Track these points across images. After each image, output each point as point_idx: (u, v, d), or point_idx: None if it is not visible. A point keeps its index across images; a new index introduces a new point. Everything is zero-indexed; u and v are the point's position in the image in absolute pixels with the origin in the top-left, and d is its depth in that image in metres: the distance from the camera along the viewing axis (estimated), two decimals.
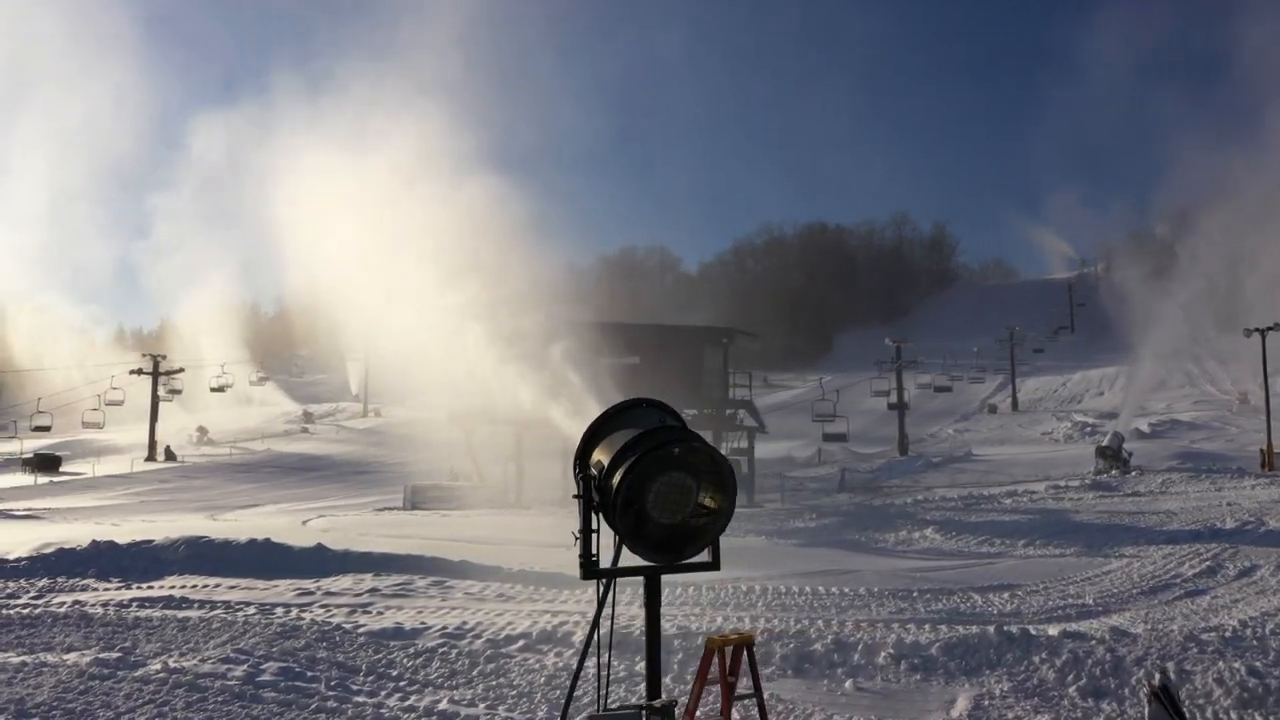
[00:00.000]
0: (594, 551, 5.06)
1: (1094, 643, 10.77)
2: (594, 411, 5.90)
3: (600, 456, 5.06)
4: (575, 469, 5.22)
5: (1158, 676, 7.64)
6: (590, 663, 5.40)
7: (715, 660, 6.22)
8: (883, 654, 10.77)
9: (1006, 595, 14.26)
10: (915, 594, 14.12)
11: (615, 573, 5.21)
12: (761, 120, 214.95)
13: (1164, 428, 51.14)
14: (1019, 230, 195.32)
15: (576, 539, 5.04)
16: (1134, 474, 33.27)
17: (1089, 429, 53.91)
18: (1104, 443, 37.79)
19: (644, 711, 4.99)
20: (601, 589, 5.54)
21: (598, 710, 5.35)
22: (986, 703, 9.43)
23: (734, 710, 6.05)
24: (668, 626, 12.03)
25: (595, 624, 5.60)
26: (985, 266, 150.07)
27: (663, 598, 14.25)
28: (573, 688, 5.92)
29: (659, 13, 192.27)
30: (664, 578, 15.88)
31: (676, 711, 5.15)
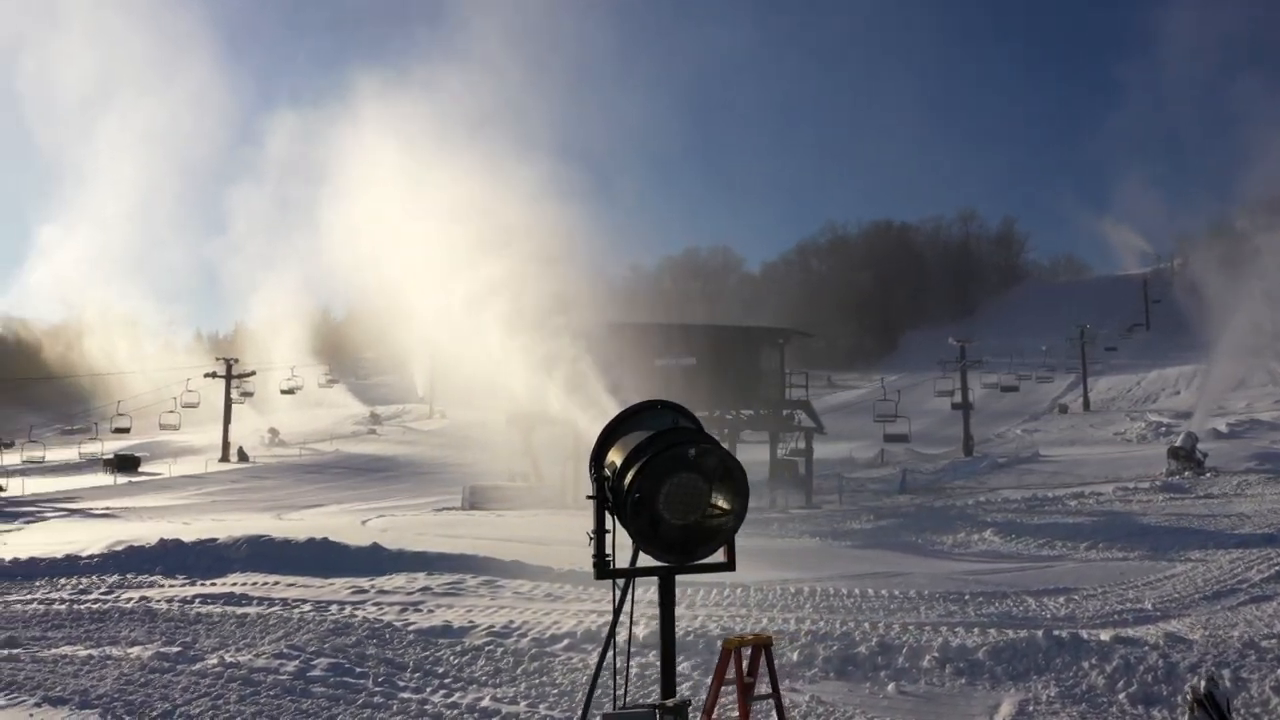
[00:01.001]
0: (608, 551, 5.12)
1: (1147, 648, 10.53)
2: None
3: (614, 457, 5.13)
4: (591, 470, 5.29)
5: (1203, 683, 7.44)
6: (614, 660, 5.47)
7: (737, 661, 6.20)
8: (928, 657, 10.66)
9: (1062, 599, 13.97)
10: (966, 597, 13.91)
11: (627, 573, 5.26)
12: (825, 117, 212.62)
13: (1243, 428, 49.41)
14: (1091, 225, 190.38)
15: (591, 539, 5.11)
16: (1208, 475, 32.22)
17: (1163, 429, 52.34)
18: (1177, 443, 36.66)
19: (658, 710, 5.04)
20: (620, 589, 5.59)
21: (614, 709, 5.40)
22: (1032, 708, 9.28)
23: (752, 711, 6.04)
24: (712, 627, 12.07)
25: (614, 623, 5.66)
26: (1056, 263, 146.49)
27: (710, 599, 14.30)
28: (592, 686, 5.98)
29: (723, 10, 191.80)
30: (713, 579, 15.90)
31: (693, 712, 5.18)
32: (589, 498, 5.18)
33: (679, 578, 14.74)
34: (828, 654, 10.81)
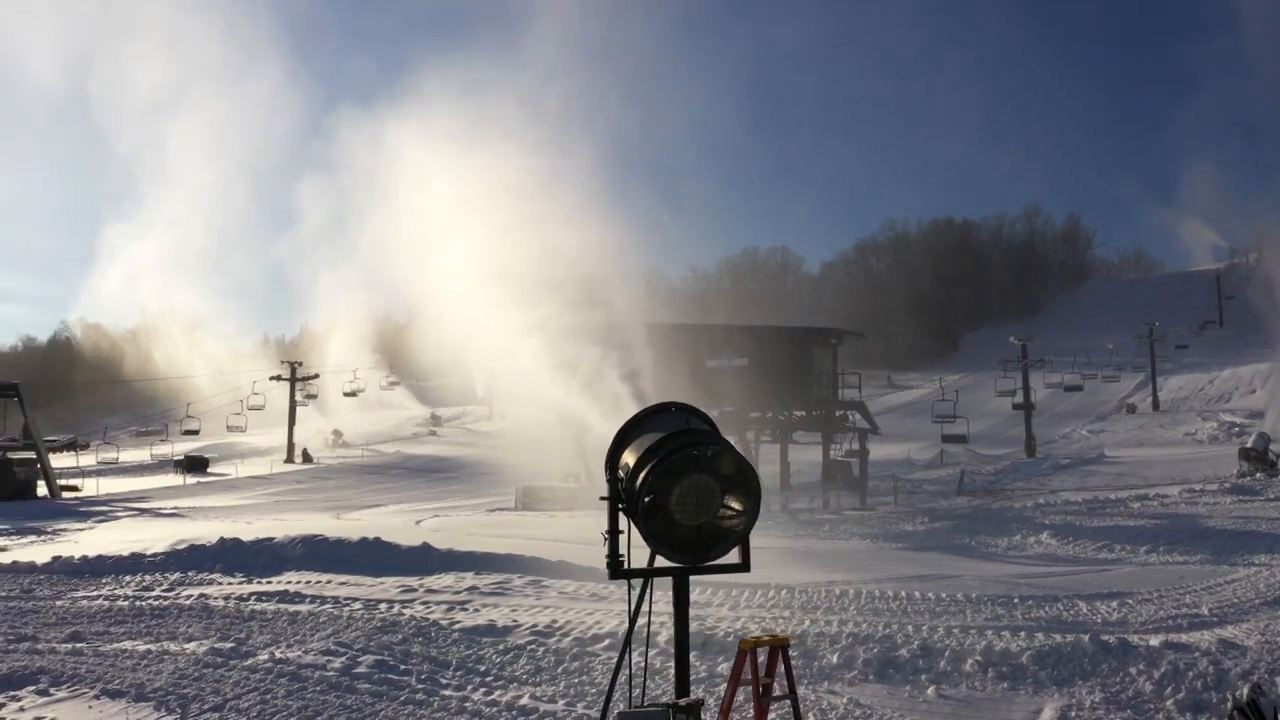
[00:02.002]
0: (621, 552, 5.19)
1: (1198, 654, 10.28)
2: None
3: (628, 459, 5.19)
4: (606, 471, 5.36)
5: (1245, 689, 7.25)
6: (637, 660, 5.53)
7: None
8: (970, 661, 10.53)
9: (1114, 604, 13.67)
10: (1015, 600, 13.69)
11: (641, 573, 5.31)
12: (886, 114, 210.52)
13: None
14: (1161, 219, 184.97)
15: (606, 539, 5.18)
16: None
17: (1237, 429, 50.87)
18: (1248, 444, 35.60)
19: (671, 710, 5.09)
20: (639, 588, 5.66)
21: (628, 707, 5.47)
22: (1074, 714, 9.13)
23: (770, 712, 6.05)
24: (753, 628, 12.06)
25: (631, 623, 5.73)
26: (1124, 259, 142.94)
27: (753, 600, 14.27)
28: (613, 684, 6.04)
29: (781, 7, 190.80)
30: (757, 580, 15.88)
31: (708, 713, 5.22)
32: (602, 499, 5.26)
33: (721, 580, 14.87)
34: (868, 656, 10.74)
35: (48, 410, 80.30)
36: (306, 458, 59.90)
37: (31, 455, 42.97)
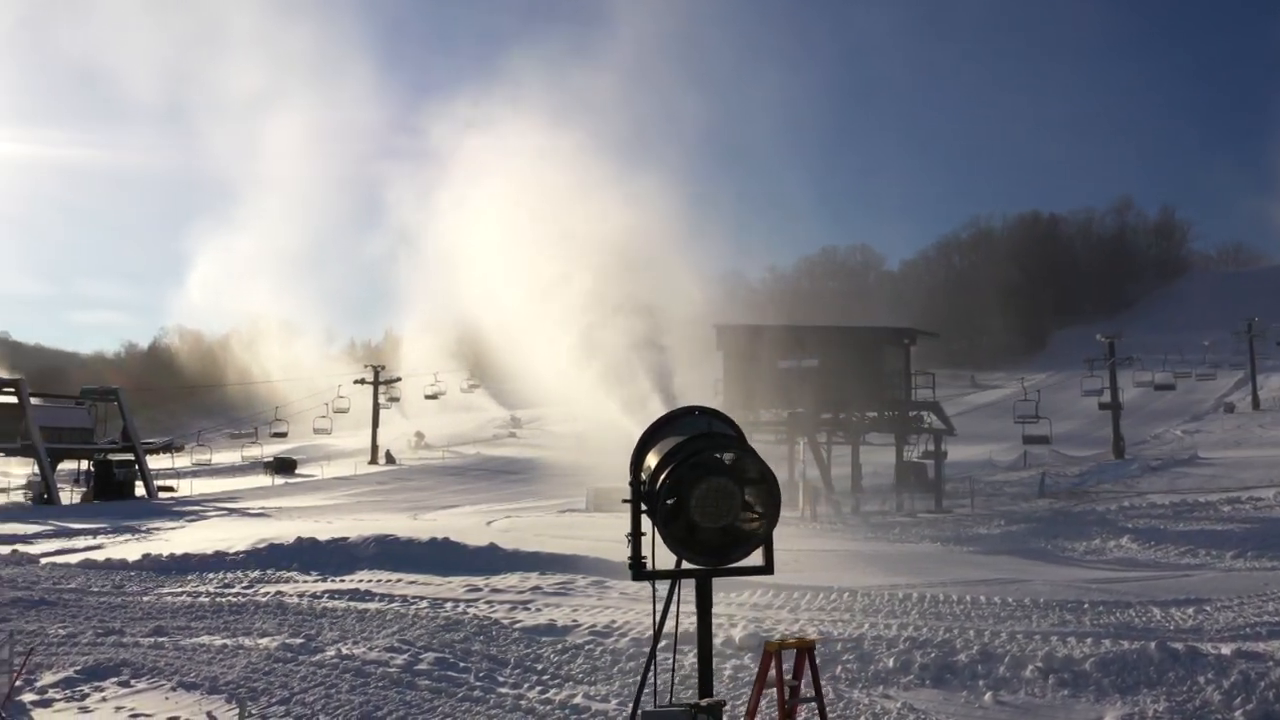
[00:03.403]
0: (643, 554, 5.27)
1: (1272, 664, 9.91)
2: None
3: (650, 461, 5.28)
4: (631, 474, 5.44)
5: None
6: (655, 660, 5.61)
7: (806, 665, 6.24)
8: (1030, 667, 10.34)
9: (1191, 610, 13.23)
10: (1085, 606, 13.34)
11: (664, 574, 5.39)
12: (968, 108, 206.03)
13: None
14: (1263, 209, 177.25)
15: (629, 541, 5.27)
16: None
17: None
18: None
19: (693, 710, 5.16)
20: (667, 589, 5.73)
21: (655, 706, 5.55)
22: None
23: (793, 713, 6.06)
24: (810, 630, 12.01)
25: (660, 624, 5.81)
26: (1223, 252, 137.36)
27: (814, 603, 14.21)
28: (642, 683, 6.12)
29: (863, 2, 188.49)
30: (818, 583, 15.81)
31: (734, 712, 5.27)
32: (624, 501, 5.35)
33: (784, 583, 14.83)
34: (925, 661, 10.61)
35: (147, 414, 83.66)
36: (389, 459, 61.32)
37: (130, 457, 44.91)
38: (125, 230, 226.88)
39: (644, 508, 5.25)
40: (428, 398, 71.76)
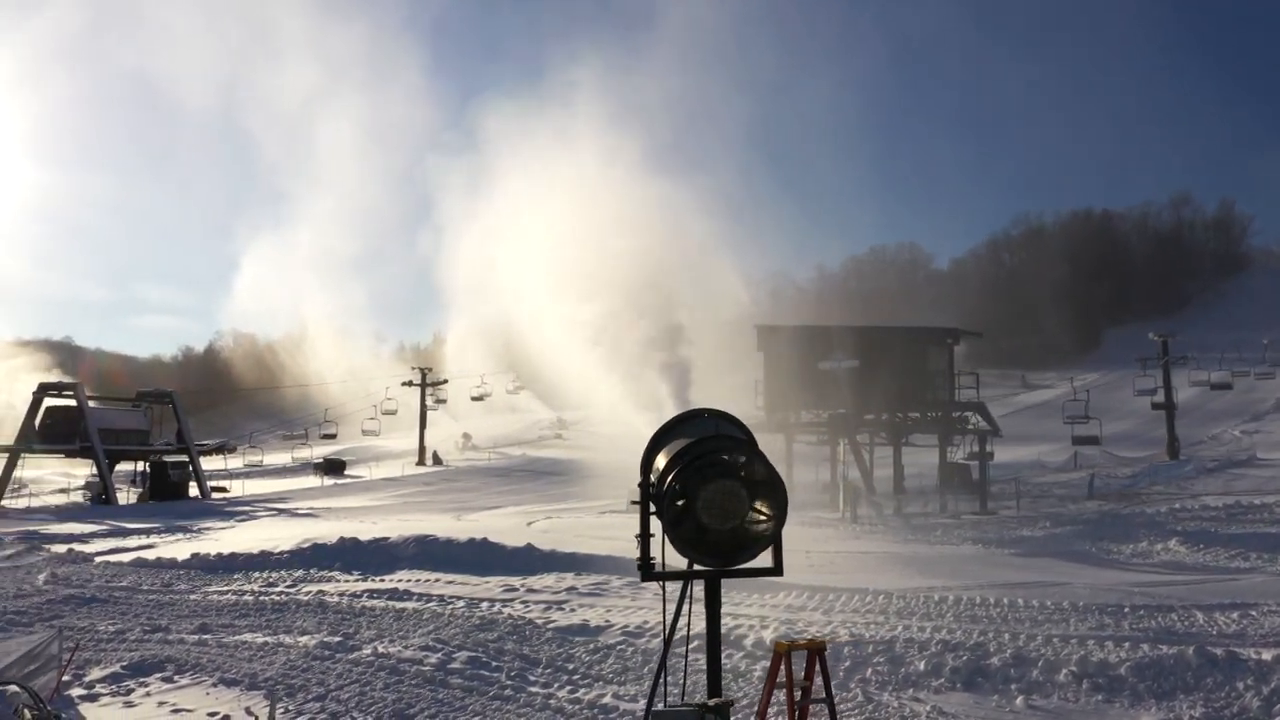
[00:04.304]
0: (652, 555, 5.32)
1: None
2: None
3: (659, 463, 5.33)
4: (641, 475, 5.50)
5: None
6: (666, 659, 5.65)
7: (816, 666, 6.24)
8: (1064, 671, 10.21)
9: (1235, 615, 12.94)
10: (1126, 610, 13.12)
11: (673, 575, 5.43)
12: (1018, 103, 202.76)
13: None
14: None
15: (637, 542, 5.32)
16: None
17: None
18: None
19: (702, 709, 5.20)
20: (680, 589, 5.78)
21: (665, 706, 5.60)
22: None
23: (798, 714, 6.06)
24: (842, 633, 11.96)
25: (673, 624, 5.85)
26: None
27: (848, 605, 14.16)
28: (655, 682, 6.17)
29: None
30: (855, 586, 15.78)
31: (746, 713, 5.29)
32: (632, 503, 5.40)
33: (818, 584, 14.84)
34: (956, 664, 10.53)
35: (202, 416, 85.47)
36: (437, 460, 61.98)
37: (184, 458, 45.91)
38: (182, 235, 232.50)
39: (653, 509, 5.30)
40: (474, 399, 72.38)
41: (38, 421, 44.08)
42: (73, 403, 44.53)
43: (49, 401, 44.86)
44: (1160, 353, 51.15)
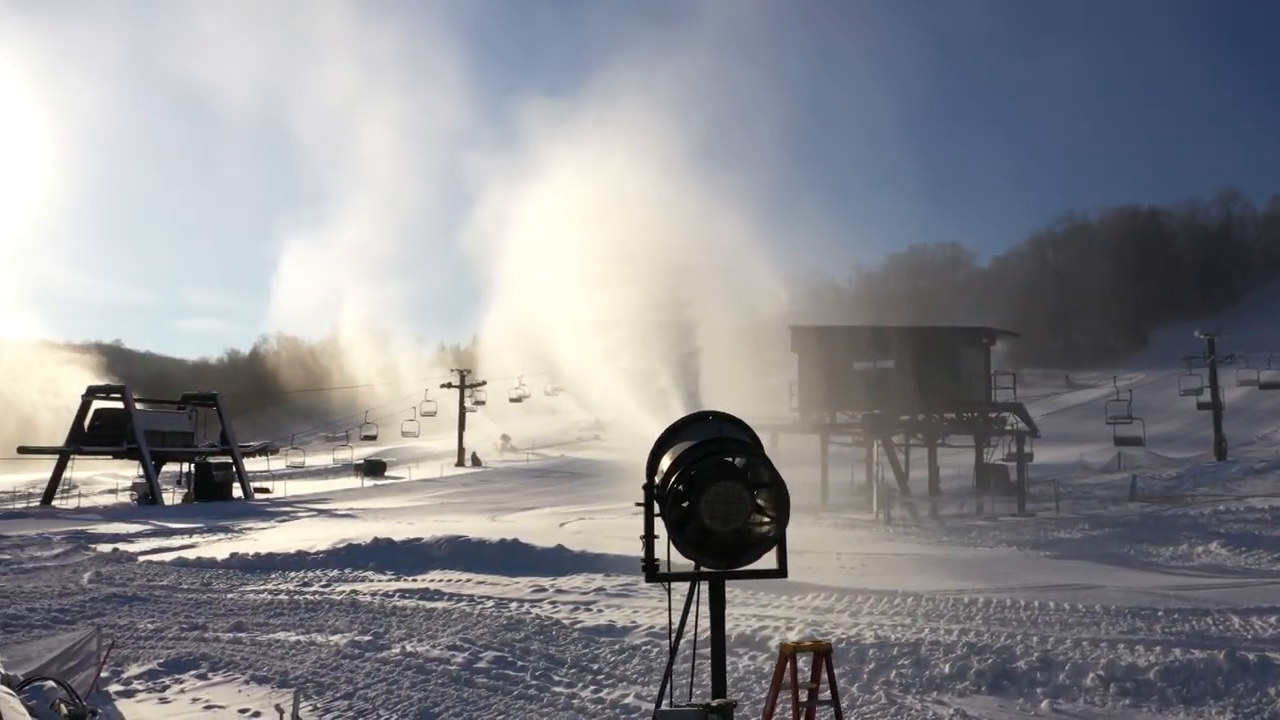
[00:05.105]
0: (656, 556, 5.37)
1: None
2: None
3: (664, 465, 5.39)
4: (646, 477, 5.55)
5: None
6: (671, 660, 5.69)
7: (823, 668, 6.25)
8: (1091, 675, 10.11)
9: (1274, 619, 12.68)
10: (1160, 613, 12.93)
11: (678, 576, 5.48)
12: (1060, 100, 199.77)
13: None
14: None
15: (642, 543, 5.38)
16: None
17: None
18: None
19: (706, 709, 5.24)
20: (688, 590, 5.82)
21: (670, 706, 5.64)
22: None
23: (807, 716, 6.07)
24: (868, 635, 11.93)
25: (681, 624, 5.90)
26: None
27: (876, 607, 14.10)
28: (664, 683, 6.22)
29: None
30: (884, 588, 15.72)
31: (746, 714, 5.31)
32: (637, 505, 5.46)
33: (847, 586, 14.82)
34: (982, 667, 10.46)
35: (246, 418, 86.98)
36: (475, 461, 62.46)
37: (228, 459, 46.72)
38: (228, 239, 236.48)
39: (657, 511, 5.36)
40: (512, 401, 72.78)
41: (86, 423, 45.15)
42: (120, 405, 45.53)
43: (97, 404, 45.92)
44: (1207, 351, 50.17)
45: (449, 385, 68.54)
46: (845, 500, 31.52)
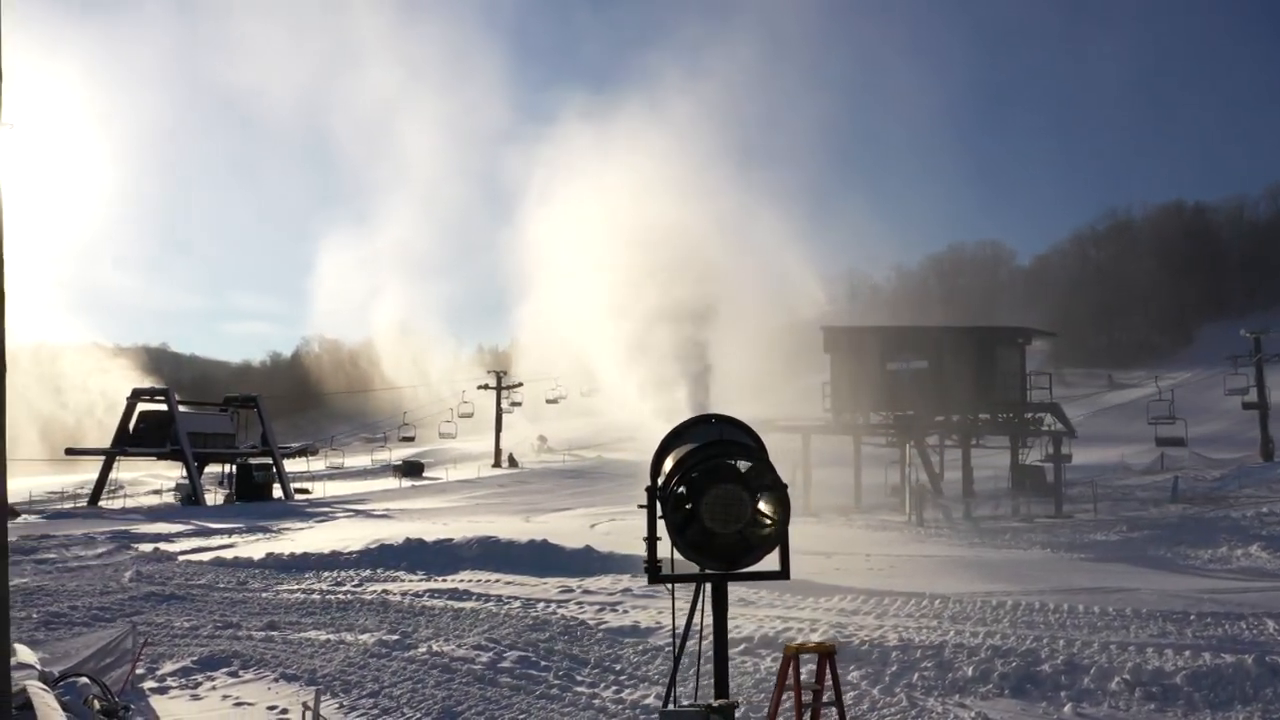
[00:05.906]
0: (659, 557, 5.42)
1: None
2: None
3: (666, 467, 5.44)
4: (650, 479, 5.61)
5: None
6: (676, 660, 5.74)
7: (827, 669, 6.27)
8: (1116, 679, 10.00)
9: None
10: (1192, 617, 12.74)
11: (679, 578, 5.53)
12: (1102, 95, 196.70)
13: None
14: None
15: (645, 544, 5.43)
16: None
17: None
18: None
19: (707, 710, 5.29)
20: (693, 592, 5.87)
21: (673, 706, 5.69)
22: None
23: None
24: (892, 637, 11.89)
25: (686, 625, 5.95)
26: None
27: (904, 609, 14.07)
28: (671, 684, 6.27)
29: None
30: (912, 590, 15.71)
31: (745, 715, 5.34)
32: (640, 506, 5.52)
33: (874, 588, 14.82)
34: (1005, 670, 10.38)
35: (288, 420, 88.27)
36: (512, 462, 62.85)
37: (268, 460, 47.45)
38: (271, 243, 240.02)
39: (660, 513, 5.41)
40: (549, 402, 73.24)
41: (131, 425, 46.09)
42: (164, 407, 46.42)
43: (142, 406, 46.86)
44: (1253, 350, 49.20)
45: (485, 386, 69.05)
46: (878, 501, 31.34)
